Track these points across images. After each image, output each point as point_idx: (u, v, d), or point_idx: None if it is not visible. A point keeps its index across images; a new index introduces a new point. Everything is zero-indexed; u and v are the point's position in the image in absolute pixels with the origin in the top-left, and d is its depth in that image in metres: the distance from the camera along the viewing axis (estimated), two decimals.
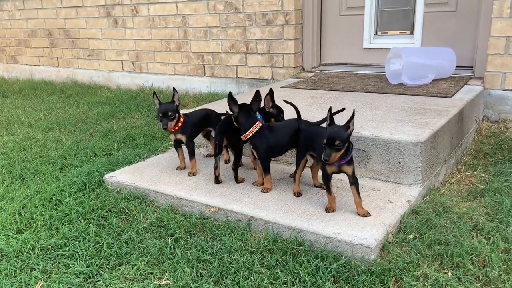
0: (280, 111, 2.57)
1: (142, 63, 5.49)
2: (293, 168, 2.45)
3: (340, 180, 2.47)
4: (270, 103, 2.53)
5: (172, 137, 2.69)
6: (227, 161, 2.85)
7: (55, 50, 6.37)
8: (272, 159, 2.50)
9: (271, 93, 2.51)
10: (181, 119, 2.62)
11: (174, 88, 2.70)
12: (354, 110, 2.09)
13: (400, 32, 4.03)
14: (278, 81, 4.36)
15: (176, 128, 2.60)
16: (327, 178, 2.08)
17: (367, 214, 2.05)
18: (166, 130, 2.58)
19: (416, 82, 3.46)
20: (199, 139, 3.13)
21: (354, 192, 2.06)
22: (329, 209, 2.11)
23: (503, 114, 3.39)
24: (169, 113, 2.53)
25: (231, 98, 2.30)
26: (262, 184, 2.42)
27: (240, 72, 4.71)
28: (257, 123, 2.30)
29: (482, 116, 3.45)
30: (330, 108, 2.04)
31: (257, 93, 2.35)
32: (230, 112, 2.38)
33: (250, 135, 2.29)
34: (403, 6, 3.96)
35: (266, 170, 2.36)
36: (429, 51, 3.67)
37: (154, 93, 2.66)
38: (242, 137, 2.33)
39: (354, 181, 2.05)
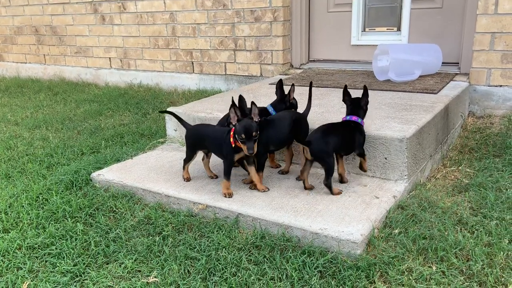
0: (296, 102, 2.65)
1: (130, 60, 5.46)
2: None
3: None
4: (292, 94, 2.60)
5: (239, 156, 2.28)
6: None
7: (41, 47, 6.30)
8: None
9: (292, 85, 2.59)
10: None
11: (240, 97, 2.27)
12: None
13: (387, 29, 4.06)
14: (267, 78, 4.37)
15: None
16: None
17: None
18: (252, 156, 2.19)
19: (403, 79, 3.49)
20: None
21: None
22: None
23: (488, 110, 3.44)
24: (253, 134, 2.14)
25: (234, 105, 2.20)
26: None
27: (229, 69, 4.71)
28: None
29: (468, 112, 3.49)
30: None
31: (240, 96, 2.31)
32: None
33: None
34: (390, 2, 3.99)
35: (260, 167, 2.36)
36: (416, 48, 3.70)
37: (234, 104, 2.19)
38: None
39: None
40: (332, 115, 2.77)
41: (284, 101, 2.60)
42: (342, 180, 2.39)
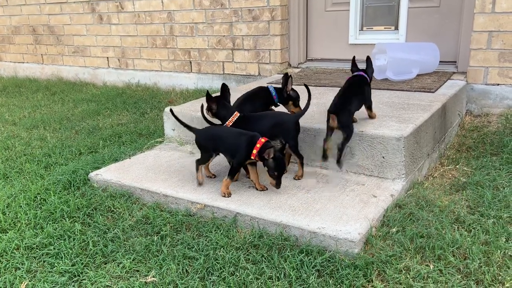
0: (297, 95, 2.67)
1: (128, 60, 5.45)
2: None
3: (325, 176, 2.49)
4: (290, 86, 2.61)
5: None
6: None
7: (39, 47, 6.29)
8: None
9: (290, 77, 2.61)
10: None
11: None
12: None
13: (385, 28, 4.06)
14: (265, 77, 4.37)
15: None
16: None
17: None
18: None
19: (401, 77, 3.49)
20: (187, 136, 3.14)
21: None
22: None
23: (485, 108, 3.45)
24: (284, 172, 2.31)
25: (208, 97, 2.43)
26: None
27: (227, 68, 4.71)
28: (235, 113, 2.42)
29: (465, 111, 3.50)
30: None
31: (223, 85, 2.51)
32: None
33: (230, 124, 2.40)
34: (387, 1, 3.99)
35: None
36: (414, 47, 3.70)
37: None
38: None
39: None
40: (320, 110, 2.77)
41: (282, 92, 2.62)
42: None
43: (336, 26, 4.28)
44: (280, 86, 2.67)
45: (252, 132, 2.27)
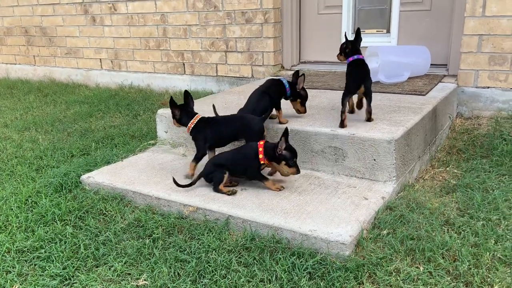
0: (307, 94, 2.75)
1: (121, 61, 5.44)
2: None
3: (317, 178, 2.51)
4: (301, 84, 2.69)
5: None
6: None
7: (31, 48, 6.25)
8: None
9: (303, 75, 2.69)
10: None
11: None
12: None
13: (377, 31, 4.09)
14: (258, 79, 4.38)
15: None
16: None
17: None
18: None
19: (392, 80, 3.52)
20: (179, 138, 3.14)
21: None
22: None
23: (476, 111, 3.48)
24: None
25: (172, 103, 2.54)
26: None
27: (220, 70, 4.71)
28: (195, 116, 2.56)
29: (456, 113, 3.53)
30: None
31: (186, 92, 2.60)
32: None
33: (191, 127, 2.54)
34: (379, 5, 4.02)
35: (197, 159, 2.57)
36: (405, 50, 3.73)
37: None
38: (186, 130, 2.58)
39: None
40: (322, 116, 2.79)
41: (294, 87, 2.69)
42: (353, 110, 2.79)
43: (329, 29, 4.30)
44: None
45: (250, 143, 2.40)
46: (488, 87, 3.41)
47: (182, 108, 2.58)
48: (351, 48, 2.72)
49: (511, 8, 3.19)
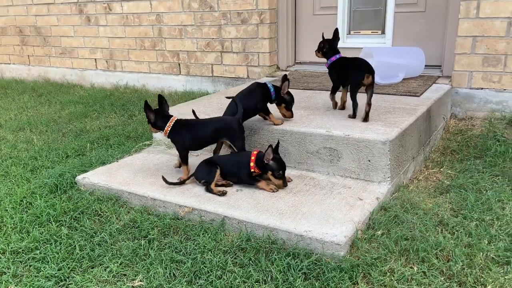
0: (292, 99, 2.72)
1: (117, 61, 5.43)
2: None
3: (312, 179, 2.52)
4: (286, 89, 2.67)
5: None
6: None
7: (26, 48, 6.22)
8: None
9: (288, 79, 2.67)
10: None
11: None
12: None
13: (372, 32, 4.11)
14: (253, 80, 4.38)
15: None
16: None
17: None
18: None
19: (387, 81, 3.54)
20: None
21: None
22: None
23: (469, 112, 3.51)
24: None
25: (147, 107, 2.51)
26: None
27: (215, 70, 4.72)
28: (171, 118, 2.54)
29: (450, 114, 3.56)
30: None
31: (160, 96, 2.60)
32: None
33: (168, 130, 2.53)
34: (374, 6, 4.04)
35: (184, 161, 2.56)
36: (400, 51, 3.75)
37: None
38: (163, 133, 2.56)
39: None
40: (317, 117, 2.80)
41: (279, 91, 2.68)
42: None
43: (324, 30, 4.29)
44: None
45: (244, 152, 2.45)
46: (482, 88, 3.44)
47: (157, 112, 2.56)
48: (328, 48, 2.86)
49: (505, 10, 3.22)
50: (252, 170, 2.37)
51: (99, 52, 5.52)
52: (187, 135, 2.54)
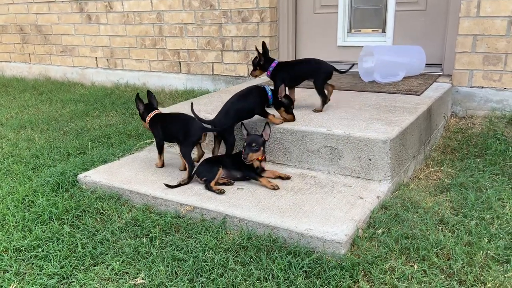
0: (291, 102, 2.74)
1: (117, 60, 5.43)
2: (278, 167, 2.66)
3: (313, 177, 2.53)
4: (282, 93, 2.68)
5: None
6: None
7: (26, 46, 6.22)
8: None
9: (283, 84, 2.72)
10: None
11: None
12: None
13: (372, 30, 4.11)
14: (254, 78, 4.38)
15: None
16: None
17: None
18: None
19: (388, 80, 3.54)
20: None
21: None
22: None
23: (470, 111, 3.52)
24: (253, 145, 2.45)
25: (138, 98, 2.79)
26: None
27: (216, 69, 4.72)
28: (153, 111, 2.76)
29: (450, 113, 3.57)
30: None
31: (149, 92, 2.88)
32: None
33: (148, 120, 2.74)
34: (375, 4, 4.04)
35: (158, 150, 2.78)
36: (400, 49, 3.76)
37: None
38: (144, 125, 2.83)
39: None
40: (318, 116, 2.81)
41: (275, 96, 2.68)
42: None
43: (325, 28, 4.32)
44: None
45: None
46: (482, 87, 3.44)
47: (146, 105, 2.81)
48: (264, 59, 2.93)
49: (505, 9, 3.22)
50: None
51: (100, 50, 5.53)
52: (160, 127, 2.70)
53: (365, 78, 3.69)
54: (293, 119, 2.71)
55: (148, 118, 2.76)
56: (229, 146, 2.60)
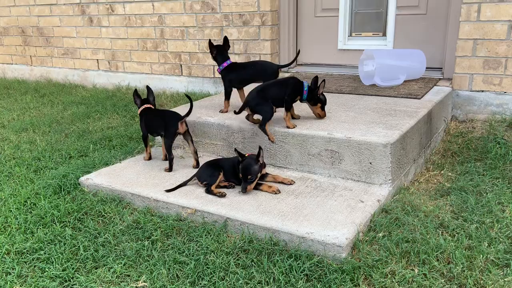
0: (326, 99, 2.81)
1: (119, 62, 5.45)
2: (279, 171, 2.70)
3: (313, 181, 2.54)
4: (321, 90, 2.73)
5: None
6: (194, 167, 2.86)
7: (28, 48, 6.24)
8: None
9: (323, 81, 2.72)
10: None
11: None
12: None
13: (373, 34, 4.13)
14: None
15: None
16: None
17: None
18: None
19: (388, 83, 3.56)
20: (177, 140, 3.15)
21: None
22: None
23: (470, 114, 3.53)
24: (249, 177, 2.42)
25: (135, 93, 2.93)
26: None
27: (217, 72, 4.72)
28: (145, 105, 2.91)
29: (451, 116, 3.58)
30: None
31: (148, 87, 3.00)
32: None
33: (139, 113, 2.91)
34: (375, 8, 4.06)
35: (144, 142, 2.97)
36: (401, 53, 3.77)
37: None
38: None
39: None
40: (317, 119, 2.82)
41: (313, 93, 2.72)
42: None
43: (326, 32, 4.34)
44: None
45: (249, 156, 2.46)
46: (483, 91, 3.46)
47: (143, 100, 2.95)
48: (216, 53, 3.08)
49: (505, 13, 3.24)
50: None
51: (101, 53, 5.54)
52: (144, 120, 2.87)
53: (365, 81, 3.70)
54: (325, 115, 2.84)
55: (139, 111, 2.93)
56: (262, 120, 2.65)
